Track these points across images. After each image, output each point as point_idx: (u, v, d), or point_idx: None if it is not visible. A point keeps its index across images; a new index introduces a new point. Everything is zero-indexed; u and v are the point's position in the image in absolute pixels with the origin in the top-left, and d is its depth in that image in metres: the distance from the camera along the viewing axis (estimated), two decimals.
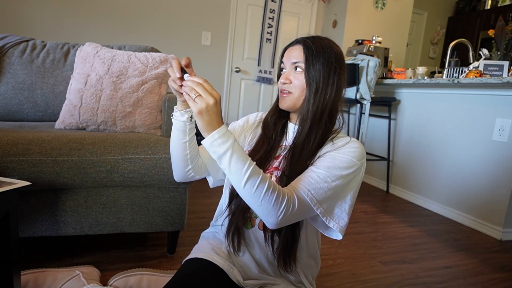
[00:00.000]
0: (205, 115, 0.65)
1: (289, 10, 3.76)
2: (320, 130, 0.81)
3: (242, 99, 3.73)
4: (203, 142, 0.69)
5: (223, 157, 0.67)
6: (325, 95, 0.80)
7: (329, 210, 0.75)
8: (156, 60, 1.55)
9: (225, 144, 0.67)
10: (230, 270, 0.83)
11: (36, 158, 1.13)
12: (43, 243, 1.45)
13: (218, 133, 0.66)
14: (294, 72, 0.83)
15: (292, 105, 0.84)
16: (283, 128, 0.91)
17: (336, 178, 0.75)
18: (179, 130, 0.80)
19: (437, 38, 5.39)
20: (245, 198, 0.70)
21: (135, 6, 3.16)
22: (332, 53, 0.82)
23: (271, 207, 0.68)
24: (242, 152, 0.68)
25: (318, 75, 0.80)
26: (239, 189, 0.69)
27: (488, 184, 2.14)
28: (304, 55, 0.81)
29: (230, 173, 0.68)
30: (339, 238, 0.79)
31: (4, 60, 1.71)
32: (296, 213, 0.72)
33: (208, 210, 2.05)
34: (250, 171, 0.67)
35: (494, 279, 1.54)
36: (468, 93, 2.30)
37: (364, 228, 2.03)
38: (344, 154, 0.78)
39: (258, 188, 0.67)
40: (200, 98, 0.65)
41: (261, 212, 0.70)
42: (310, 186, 0.73)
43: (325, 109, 0.81)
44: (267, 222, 0.71)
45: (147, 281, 1.16)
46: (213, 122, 0.66)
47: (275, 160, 0.87)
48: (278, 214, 0.69)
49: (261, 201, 0.68)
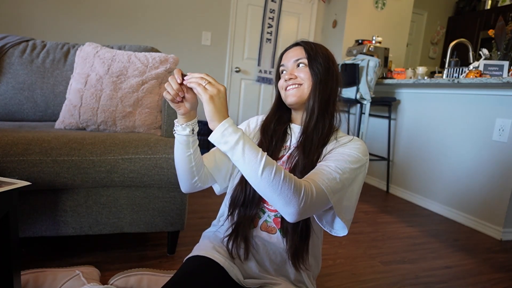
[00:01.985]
0: (217, 101, 0.67)
1: (289, 10, 3.76)
2: (327, 120, 0.85)
3: (242, 99, 3.73)
4: (213, 135, 0.68)
5: (235, 147, 0.66)
6: (328, 87, 0.85)
7: (339, 202, 0.76)
8: (156, 60, 1.55)
9: (236, 134, 0.67)
10: (230, 268, 0.83)
11: (36, 158, 1.13)
12: (43, 243, 1.45)
13: (228, 122, 0.67)
14: (298, 68, 0.87)
15: (300, 97, 0.86)
16: (285, 132, 0.92)
17: (346, 171, 0.76)
18: (183, 144, 0.80)
19: (437, 38, 5.39)
20: (263, 189, 0.68)
21: (135, 6, 3.16)
22: (326, 50, 0.89)
23: (292, 194, 0.66)
24: (252, 141, 0.69)
25: (320, 67, 0.85)
26: (256, 180, 0.67)
27: (488, 184, 2.14)
28: (306, 52, 0.86)
29: (245, 162, 0.66)
30: (345, 233, 0.81)
31: (4, 60, 1.71)
32: (315, 203, 0.70)
33: (208, 210, 2.05)
34: (265, 158, 0.67)
35: (494, 279, 1.54)
36: (468, 93, 2.30)
37: (364, 228, 2.03)
38: (350, 149, 0.80)
39: (276, 175, 0.66)
40: (211, 85, 0.67)
41: (281, 201, 0.67)
42: (323, 176, 0.74)
43: (330, 99, 0.86)
44: (288, 213, 0.69)
45: (147, 281, 1.16)
46: (223, 110, 0.68)
47: (279, 160, 0.88)
48: (300, 201, 0.67)
49: (281, 189, 0.66)
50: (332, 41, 3.81)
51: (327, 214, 0.82)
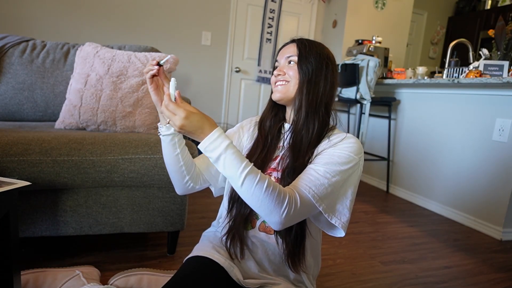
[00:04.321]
0: (189, 126, 0.68)
1: (289, 10, 3.76)
2: (317, 121, 0.83)
3: (242, 99, 3.73)
4: (200, 149, 0.71)
5: (217, 161, 0.69)
6: (319, 88, 0.83)
7: (330, 207, 0.76)
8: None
9: (218, 148, 0.68)
10: (230, 268, 0.83)
11: (36, 158, 1.13)
12: (43, 243, 1.45)
13: (209, 140, 0.68)
14: (288, 65, 0.87)
15: (285, 94, 0.86)
16: (280, 130, 0.92)
17: (336, 173, 0.76)
18: (169, 144, 0.82)
19: (437, 38, 5.39)
20: (245, 198, 0.70)
21: (135, 6, 3.16)
22: (323, 50, 0.87)
23: (273, 206, 0.68)
24: (237, 153, 0.69)
25: (310, 67, 0.83)
26: (238, 190, 0.70)
27: (488, 184, 2.14)
28: (298, 49, 0.85)
29: (227, 175, 0.69)
30: (342, 235, 0.80)
31: (4, 60, 1.71)
32: (300, 212, 0.72)
33: (208, 210, 2.05)
34: (247, 170, 0.68)
35: (494, 279, 1.54)
36: (468, 93, 2.30)
37: (364, 228, 2.03)
38: (341, 149, 0.79)
39: (256, 187, 0.67)
40: (171, 121, 0.69)
41: (263, 212, 0.70)
42: (310, 183, 0.74)
43: (321, 101, 0.84)
44: (271, 222, 0.71)
45: (147, 281, 1.16)
46: (199, 129, 0.69)
47: (273, 161, 0.88)
48: (281, 212, 0.69)
49: (262, 200, 0.68)
50: (332, 41, 3.81)
51: (322, 215, 0.80)
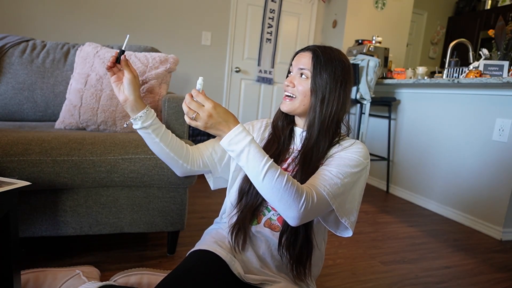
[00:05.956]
0: (213, 122, 0.71)
1: (289, 10, 3.76)
2: (327, 138, 0.85)
3: (242, 99, 3.73)
4: (222, 144, 0.73)
5: (240, 155, 0.71)
6: (332, 107, 0.83)
7: (341, 206, 0.79)
8: (156, 60, 1.55)
9: (242, 142, 0.70)
10: (232, 262, 0.83)
11: (36, 158, 1.13)
12: (43, 243, 1.45)
13: (233, 133, 0.71)
14: (299, 78, 0.86)
15: (292, 110, 0.88)
16: (291, 132, 0.94)
17: (347, 175, 0.78)
18: (145, 133, 0.87)
19: (437, 38, 5.39)
20: (264, 192, 0.72)
21: (135, 6, 3.16)
22: (340, 65, 0.84)
23: (292, 200, 0.69)
24: (260, 148, 0.72)
25: (324, 85, 0.83)
26: (258, 184, 0.71)
27: (488, 184, 2.14)
28: (312, 63, 0.84)
29: (248, 169, 0.71)
30: (349, 235, 0.84)
31: (4, 60, 1.71)
32: (315, 208, 0.73)
33: (208, 210, 2.05)
34: (268, 164, 0.70)
35: (494, 279, 1.54)
36: (468, 93, 2.30)
37: (364, 228, 2.03)
38: (352, 153, 0.82)
39: (277, 180, 0.69)
40: (198, 116, 0.71)
41: (282, 206, 0.71)
42: (325, 182, 0.76)
43: (332, 120, 0.84)
44: (289, 217, 0.72)
45: (148, 280, 1.16)
46: (223, 124, 0.71)
47: (284, 162, 0.90)
48: (300, 206, 0.70)
49: (281, 194, 0.69)
50: (332, 41, 3.81)
51: (331, 215, 0.84)
